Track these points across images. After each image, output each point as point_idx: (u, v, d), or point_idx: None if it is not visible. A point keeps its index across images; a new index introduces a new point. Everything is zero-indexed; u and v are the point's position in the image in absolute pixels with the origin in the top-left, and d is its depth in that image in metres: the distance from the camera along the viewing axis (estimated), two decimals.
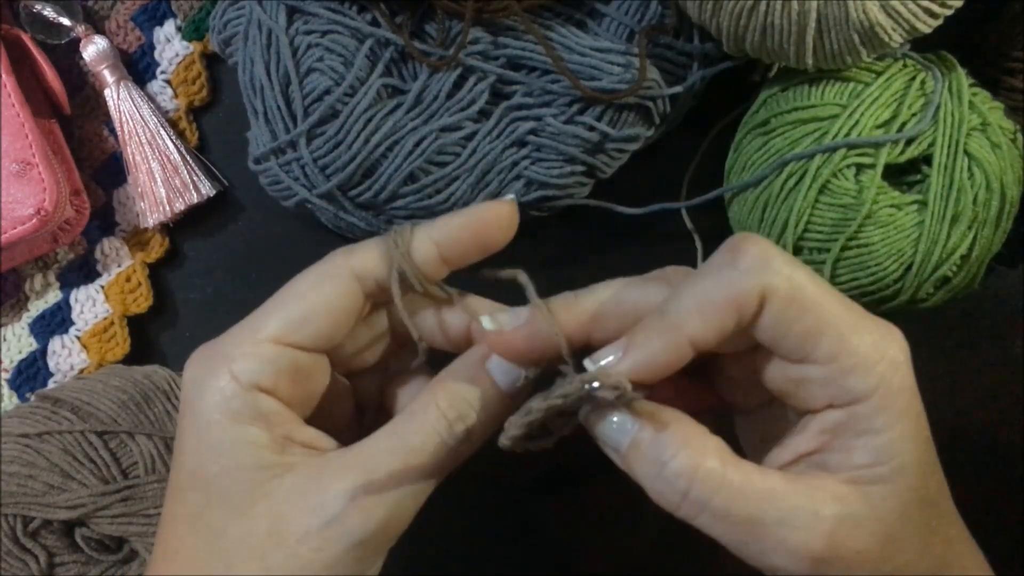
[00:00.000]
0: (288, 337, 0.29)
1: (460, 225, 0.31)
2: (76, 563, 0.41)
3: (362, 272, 0.30)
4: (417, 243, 0.30)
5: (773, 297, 0.27)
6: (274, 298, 0.30)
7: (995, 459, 0.47)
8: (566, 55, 0.42)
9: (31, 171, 0.43)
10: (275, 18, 0.42)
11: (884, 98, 0.40)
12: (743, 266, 0.27)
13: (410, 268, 0.30)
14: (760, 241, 0.28)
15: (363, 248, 0.30)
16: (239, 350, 0.29)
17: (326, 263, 0.30)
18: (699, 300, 0.27)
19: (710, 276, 0.27)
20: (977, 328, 0.48)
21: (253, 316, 0.30)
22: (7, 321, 0.48)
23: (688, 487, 0.26)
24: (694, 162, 0.48)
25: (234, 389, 0.28)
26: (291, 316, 0.29)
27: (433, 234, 0.30)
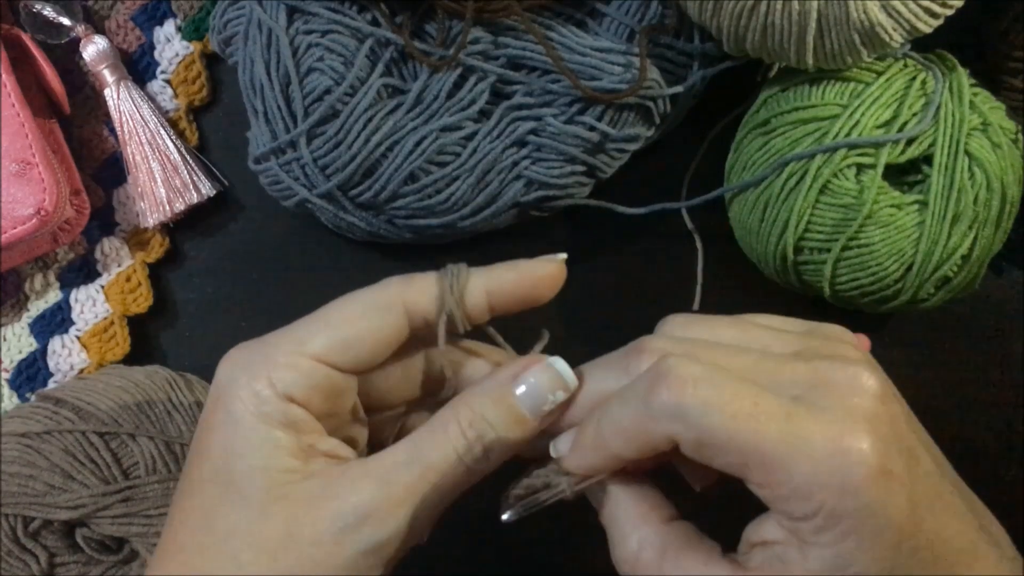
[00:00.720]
0: (330, 357, 0.29)
1: (514, 279, 0.32)
2: (77, 563, 0.41)
3: (414, 308, 0.31)
4: (470, 288, 0.31)
5: (682, 442, 0.27)
6: (323, 313, 0.30)
7: (995, 459, 0.47)
8: (566, 55, 0.42)
9: (31, 171, 0.43)
10: (275, 18, 0.42)
11: (885, 98, 0.40)
12: (653, 406, 0.27)
13: (460, 313, 0.31)
14: (672, 374, 0.27)
15: (419, 282, 0.31)
16: (281, 359, 0.29)
17: (381, 290, 0.31)
18: (616, 427, 0.29)
19: (626, 405, 0.28)
20: (977, 328, 0.48)
21: (299, 326, 0.30)
22: (7, 321, 0.48)
23: (631, 573, 0.30)
24: (694, 162, 0.48)
25: (269, 395, 0.29)
26: (338, 337, 0.30)
27: (487, 282, 0.31)
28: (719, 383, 0.27)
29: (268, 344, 0.30)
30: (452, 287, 0.31)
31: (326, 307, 0.31)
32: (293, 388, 0.29)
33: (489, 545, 0.47)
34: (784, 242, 0.41)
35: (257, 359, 0.29)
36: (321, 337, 0.30)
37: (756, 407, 0.26)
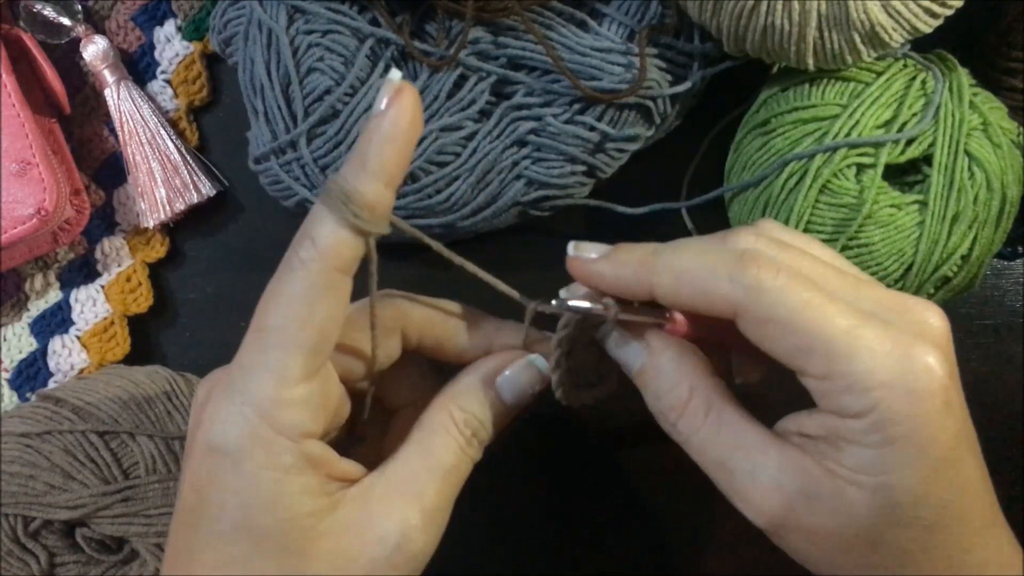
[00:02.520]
0: (313, 369, 0.28)
1: (390, 148, 0.27)
2: (77, 563, 0.41)
3: (347, 264, 0.28)
4: (370, 195, 0.27)
5: (746, 313, 0.28)
6: (273, 330, 0.27)
7: (995, 459, 0.47)
8: (566, 55, 0.42)
9: (31, 171, 0.43)
10: (275, 18, 0.42)
11: (885, 98, 0.40)
12: (733, 272, 0.28)
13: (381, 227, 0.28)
14: (765, 260, 0.28)
15: (326, 234, 0.27)
16: (274, 403, 0.27)
17: (305, 269, 0.27)
18: (683, 269, 0.29)
19: (708, 255, 0.29)
20: (977, 328, 0.48)
21: (262, 356, 0.27)
22: (7, 321, 0.48)
23: (676, 420, 0.30)
24: (694, 162, 0.48)
25: (283, 444, 0.27)
26: (309, 346, 0.27)
27: (374, 174, 0.27)
28: (802, 280, 0.28)
29: (253, 390, 0.27)
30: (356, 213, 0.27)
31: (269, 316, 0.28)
32: (303, 424, 0.28)
33: (482, 545, 0.47)
34: None
35: (252, 413, 0.27)
36: (295, 355, 0.27)
37: (830, 303, 0.27)
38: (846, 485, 0.27)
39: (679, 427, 0.30)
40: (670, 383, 0.31)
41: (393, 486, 0.29)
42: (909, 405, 0.26)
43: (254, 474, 0.27)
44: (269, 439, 0.27)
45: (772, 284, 0.27)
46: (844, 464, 0.27)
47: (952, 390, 0.27)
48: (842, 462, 0.27)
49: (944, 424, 0.27)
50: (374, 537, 0.28)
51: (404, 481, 0.30)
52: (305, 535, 0.28)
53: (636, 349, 0.32)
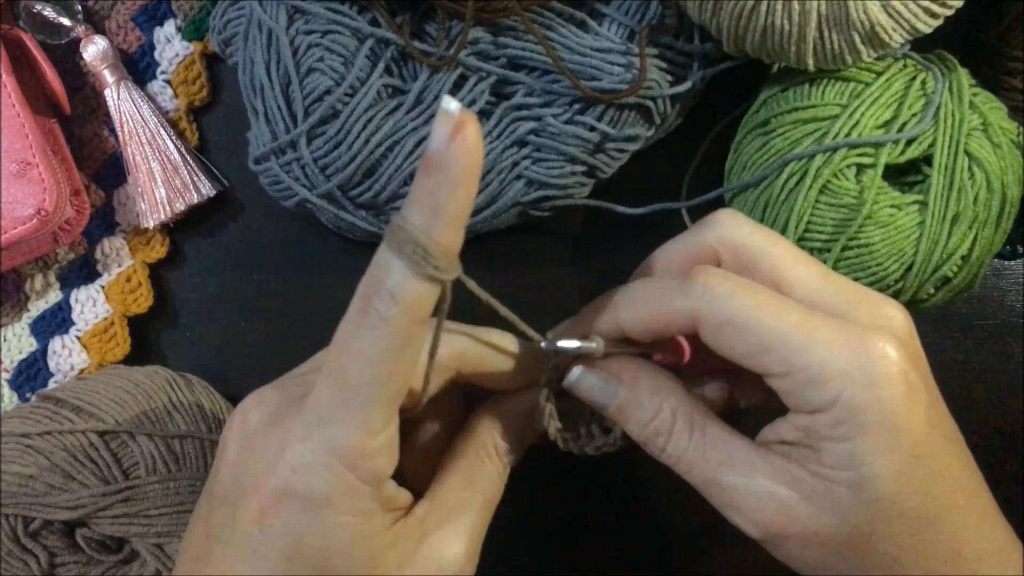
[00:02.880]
0: (391, 416, 0.28)
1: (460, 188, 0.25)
2: (77, 563, 0.41)
3: (426, 315, 0.27)
4: (446, 243, 0.26)
5: (703, 321, 0.29)
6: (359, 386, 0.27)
7: (995, 459, 0.47)
8: (566, 55, 0.42)
9: (31, 171, 0.43)
10: (275, 18, 0.42)
11: (885, 98, 0.40)
12: (684, 285, 0.30)
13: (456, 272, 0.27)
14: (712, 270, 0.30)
15: (406, 288, 0.26)
16: (360, 453, 0.27)
17: (388, 325, 0.26)
18: (637, 297, 0.31)
19: (656, 283, 0.32)
20: (977, 328, 0.48)
21: (347, 410, 0.27)
22: (7, 321, 0.48)
23: (665, 444, 0.31)
24: (694, 162, 0.48)
25: (366, 491, 0.28)
26: (392, 398, 0.27)
27: (447, 219, 0.26)
28: (750, 285, 0.29)
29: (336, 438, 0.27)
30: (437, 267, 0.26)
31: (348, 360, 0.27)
32: (385, 469, 0.28)
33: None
34: None
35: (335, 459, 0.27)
36: (379, 408, 0.27)
37: (781, 301, 0.28)
38: (832, 485, 0.28)
39: (667, 451, 0.31)
40: (652, 410, 0.31)
41: (446, 517, 0.30)
42: (870, 392, 0.27)
43: (336, 521, 0.27)
44: (355, 488, 0.27)
45: (721, 289, 0.29)
46: (825, 463, 0.28)
47: (914, 376, 0.28)
48: (823, 462, 0.28)
49: (912, 411, 0.27)
50: (433, 569, 0.29)
51: (455, 512, 0.31)
52: (374, 572, 0.28)
53: (609, 387, 0.32)
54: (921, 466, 0.27)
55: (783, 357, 0.28)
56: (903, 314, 0.30)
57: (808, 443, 0.28)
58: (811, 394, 0.27)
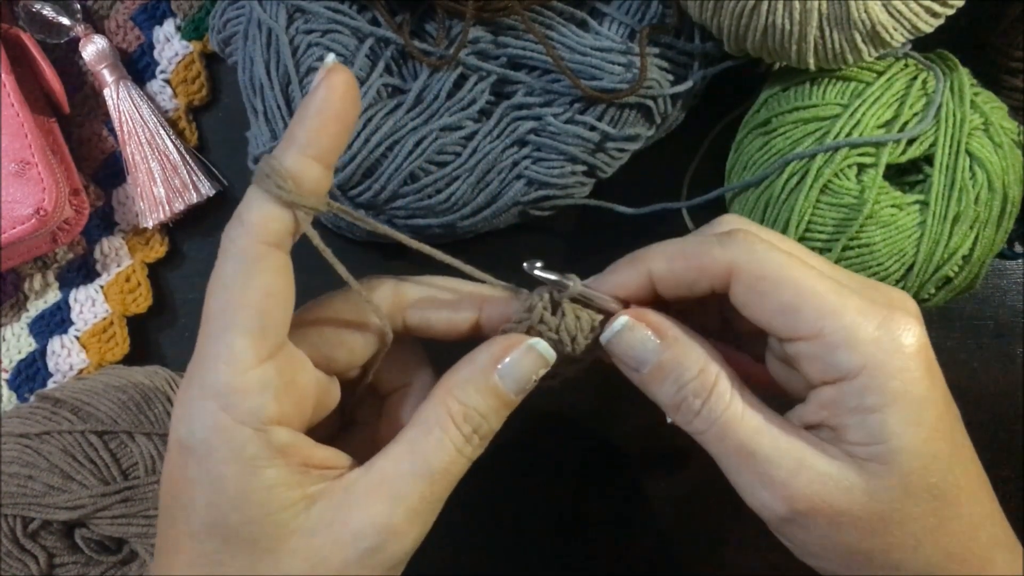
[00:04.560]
0: (264, 349, 0.27)
1: (319, 123, 0.27)
2: (76, 564, 0.41)
3: (274, 237, 0.27)
4: (293, 167, 0.27)
5: (740, 272, 0.29)
6: (216, 316, 0.27)
7: (995, 459, 0.47)
8: (567, 55, 0.42)
9: (30, 171, 0.43)
10: (275, 17, 0.42)
11: (886, 98, 0.40)
12: (723, 238, 0.29)
13: (311, 201, 0.27)
14: (750, 232, 0.30)
15: (252, 209, 0.27)
16: (230, 389, 0.26)
17: (235, 247, 0.27)
18: (672, 248, 0.30)
19: (695, 235, 0.31)
20: (977, 328, 0.48)
21: (211, 344, 0.27)
22: (7, 321, 0.48)
23: (702, 406, 0.29)
24: (694, 162, 0.48)
25: (245, 434, 0.26)
26: (252, 326, 0.26)
27: (301, 148, 0.27)
28: (784, 250, 0.29)
29: (205, 381, 0.26)
30: (280, 184, 0.27)
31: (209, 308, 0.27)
32: (262, 409, 0.26)
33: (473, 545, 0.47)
34: None
35: (209, 402, 0.26)
36: (240, 338, 0.26)
37: (813, 269, 0.28)
38: (862, 462, 0.27)
39: (703, 413, 0.29)
40: (696, 368, 0.30)
41: (376, 485, 0.28)
42: (898, 360, 0.27)
43: (219, 469, 0.26)
44: (230, 429, 0.26)
45: (760, 245, 0.29)
46: (851, 441, 0.28)
47: (932, 357, 0.28)
48: (849, 439, 0.28)
49: (934, 384, 0.28)
50: (348, 537, 0.27)
51: (389, 481, 0.28)
52: (276, 532, 0.27)
53: (651, 345, 0.30)
54: (943, 440, 0.27)
55: (814, 318, 0.27)
56: (913, 302, 0.30)
57: (832, 422, 0.28)
58: (840, 358, 0.27)
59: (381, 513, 0.28)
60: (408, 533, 0.28)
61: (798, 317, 0.28)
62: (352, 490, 0.28)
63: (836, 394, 0.28)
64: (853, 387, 0.27)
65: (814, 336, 0.28)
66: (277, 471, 0.27)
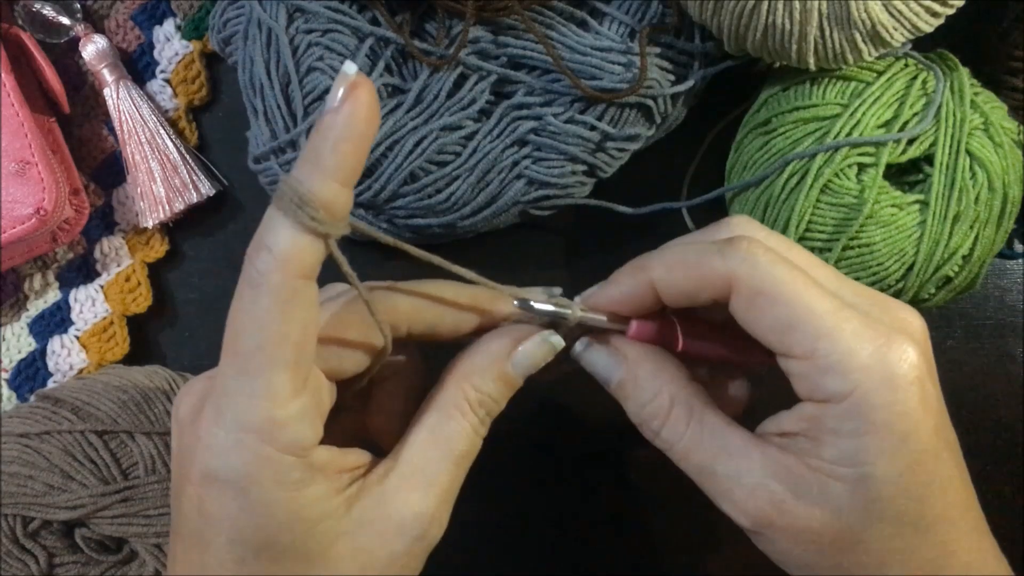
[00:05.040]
0: (300, 381, 0.27)
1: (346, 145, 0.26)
2: (76, 564, 0.41)
3: (310, 270, 0.26)
4: (326, 196, 0.26)
5: (739, 285, 0.28)
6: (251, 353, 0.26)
7: (995, 459, 0.47)
8: (567, 54, 0.42)
9: (30, 170, 0.43)
10: (275, 17, 0.42)
11: (886, 97, 0.40)
12: (726, 249, 0.29)
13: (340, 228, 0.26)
14: (751, 234, 0.29)
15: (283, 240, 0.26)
16: (272, 424, 0.26)
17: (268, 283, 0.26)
18: (673, 257, 0.30)
19: (695, 244, 0.31)
20: (977, 328, 0.48)
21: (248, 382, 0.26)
22: (6, 321, 0.48)
23: (660, 428, 0.31)
24: (694, 162, 0.48)
25: (290, 463, 0.27)
26: (292, 362, 0.26)
27: (329, 173, 0.26)
28: (788, 262, 0.28)
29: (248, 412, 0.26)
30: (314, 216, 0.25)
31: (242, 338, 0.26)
32: (304, 437, 0.27)
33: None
34: None
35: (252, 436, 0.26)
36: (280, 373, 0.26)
37: (816, 286, 0.28)
38: (829, 480, 0.28)
39: (662, 435, 0.31)
40: (651, 392, 0.31)
41: (408, 476, 0.29)
42: (888, 392, 0.27)
43: (265, 498, 0.26)
44: (275, 460, 0.26)
45: (763, 257, 0.28)
46: (825, 458, 0.28)
47: (929, 385, 0.28)
48: (823, 456, 0.28)
49: (922, 417, 0.27)
50: (393, 530, 0.28)
51: (420, 470, 0.29)
52: (324, 540, 0.28)
53: (613, 362, 0.32)
54: (922, 473, 0.27)
55: (809, 338, 0.27)
56: (921, 321, 0.30)
57: (811, 435, 0.28)
58: (828, 382, 0.27)
59: (418, 502, 0.29)
60: (443, 517, 0.30)
61: (792, 336, 0.28)
62: (386, 484, 0.29)
63: (819, 413, 0.28)
64: (837, 411, 0.27)
65: (806, 357, 0.28)
66: (318, 487, 0.28)
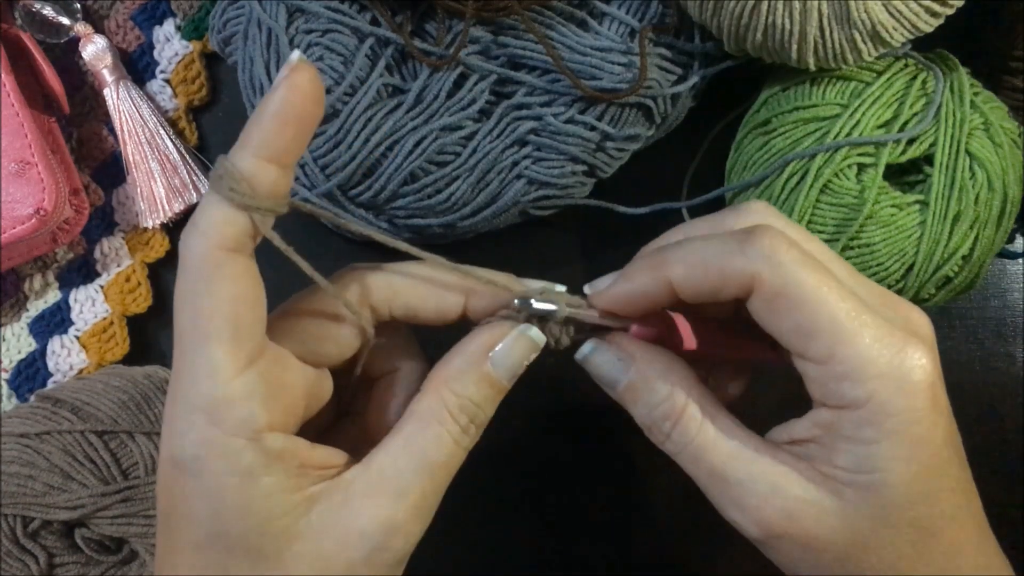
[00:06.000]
0: (242, 357, 0.26)
1: (277, 123, 0.26)
2: (76, 564, 0.41)
3: (233, 242, 0.26)
4: (247, 169, 0.26)
5: (761, 286, 0.28)
6: (187, 330, 0.27)
7: (995, 460, 0.47)
8: (567, 54, 0.42)
9: (30, 171, 0.43)
10: (275, 17, 0.42)
11: (885, 97, 0.40)
12: (747, 246, 0.28)
13: (267, 203, 0.26)
14: (775, 231, 0.28)
15: (207, 214, 0.26)
16: (215, 402, 0.26)
17: (194, 256, 0.26)
18: (694, 255, 0.29)
19: (716, 238, 0.29)
20: (977, 328, 0.48)
21: (188, 359, 0.26)
22: (7, 321, 0.48)
23: (671, 430, 0.30)
24: (694, 162, 0.48)
25: (238, 445, 0.26)
26: (226, 335, 0.26)
27: (255, 150, 0.26)
28: (811, 258, 0.28)
29: (189, 394, 0.26)
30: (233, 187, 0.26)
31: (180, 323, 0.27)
32: (251, 417, 0.26)
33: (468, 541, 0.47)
34: None
35: (198, 417, 0.26)
36: (216, 349, 0.26)
37: (839, 286, 0.27)
38: (841, 487, 0.27)
39: (673, 437, 0.30)
40: (662, 394, 0.30)
41: (375, 483, 0.28)
42: (902, 398, 0.27)
43: (217, 483, 0.26)
44: (223, 443, 0.26)
45: (785, 256, 0.27)
46: (837, 465, 0.28)
47: (939, 389, 0.28)
48: (835, 463, 0.28)
49: (935, 421, 0.27)
50: (353, 537, 0.27)
51: (388, 478, 0.28)
52: (279, 538, 0.26)
53: (621, 364, 0.31)
54: (934, 478, 0.27)
55: (828, 344, 0.27)
56: (929, 323, 0.29)
57: (824, 441, 0.28)
58: (845, 388, 0.27)
59: (384, 510, 0.27)
60: (411, 529, 0.28)
61: (811, 340, 0.27)
62: (352, 489, 0.28)
63: (834, 419, 0.28)
64: (852, 417, 0.27)
65: (823, 361, 0.27)
66: (275, 478, 0.26)
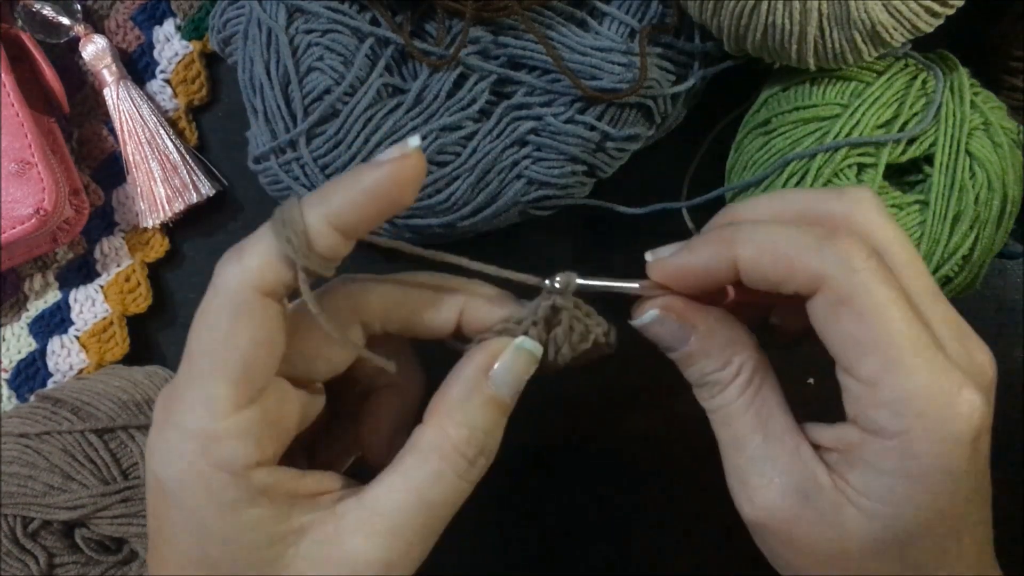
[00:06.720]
0: (243, 396, 0.26)
1: (363, 199, 0.26)
2: (76, 564, 0.41)
3: (270, 287, 0.26)
4: (313, 226, 0.26)
5: (827, 288, 0.26)
6: (199, 357, 0.26)
7: (995, 460, 0.47)
8: (567, 54, 0.42)
9: (30, 171, 0.43)
10: (275, 17, 0.42)
11: (885, 97, 0.40)
12: (824, 243, 0.26)
13: (315, 261, 0.26)
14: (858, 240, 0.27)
15: (255, 251, 0.26)
16: (207, 436, 0.25)
17: (227, 288, 0.26)
18: (766, 240, 0.28)
19: (795, 227, 0.28)
20: (977, 328, 0.48)
21: (191, 386, 0.26)
22: (6, 321, 0.48)
23: (718, 393, 0.29)
24: (694, 162, 0.48)
25: (223, 479, 0.25)
26: (235, 375, 0.25)
27: (329, 213, 0.26)
28: (888, 273, 0.26)
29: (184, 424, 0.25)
30: (291, 239, 0.25)
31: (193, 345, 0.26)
32: (241, 456, 0.25)
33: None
34: None
35: (188, 449, 0.25)
36: (221, 384, 0.25)
37: (909, 309, 0.26)
38: (846, 503, 0.27)
39: (717, 399, 0.30)
40: (719, 363, 0.29)
41: (368, 520, 0.27)
42: (939, 446, 0.25)
43: (200, 511, 0.25)
44: (208, 475, 0.25)
45: (862, 265, 0.26)
46: (851, 483, 0.27)
47: (982, 442, 0.27)
48: (849, 479, 0.27)
49: (964, 478, 0.26)
50: (343, 573, 0.26)
51: (383, 515, 0.27)
52: (267, 566, 0.26)
53: (683, 333, 0.30)
54: (942, 526, 0.26)
55: (879, 367, 0.26)
56: (992, 365, 0.28)
57: (846, 456, 0.27)
58: (881, 416, 0.26)
59: (376, 548, 0.26)
60: (405, 566, 0.27)
61: (863, 358, 0.26)
62: (344, 522, 0.27)
63: (859, 440, 0.27)
64: (879, 446, 0.26)
65: (869, 383, 0.26)
66: (260, 510, 0.26)
